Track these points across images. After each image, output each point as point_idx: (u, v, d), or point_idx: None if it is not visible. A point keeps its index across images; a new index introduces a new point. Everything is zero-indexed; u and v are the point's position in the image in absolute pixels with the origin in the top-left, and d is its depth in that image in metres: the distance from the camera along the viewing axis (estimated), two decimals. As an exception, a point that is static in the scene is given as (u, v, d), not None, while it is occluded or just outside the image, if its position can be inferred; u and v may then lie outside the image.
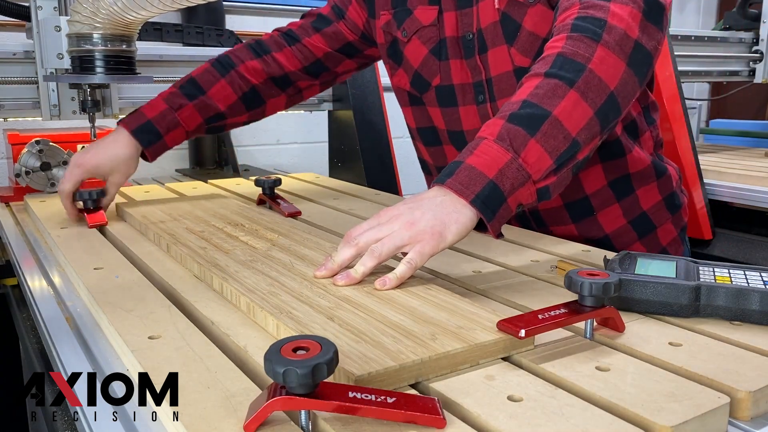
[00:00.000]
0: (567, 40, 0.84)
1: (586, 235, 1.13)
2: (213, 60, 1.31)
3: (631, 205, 1.12)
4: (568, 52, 0.83)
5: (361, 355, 0.58)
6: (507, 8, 1.02)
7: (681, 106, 2.03)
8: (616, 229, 1.13)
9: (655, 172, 1.13)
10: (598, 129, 0.82)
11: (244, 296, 0.74)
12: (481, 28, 1.06)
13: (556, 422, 0.50)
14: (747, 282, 0.71)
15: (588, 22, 0.84)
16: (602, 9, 0.85)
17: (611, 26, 0.83)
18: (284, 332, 0.65)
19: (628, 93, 0.85)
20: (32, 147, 1.48)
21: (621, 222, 1.13)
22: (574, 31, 0.84)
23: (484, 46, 1.07)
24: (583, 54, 0.82)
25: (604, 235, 1.13)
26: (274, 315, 0.68)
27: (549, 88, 0.81)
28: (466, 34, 1.08)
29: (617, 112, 0.84)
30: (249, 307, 0.73)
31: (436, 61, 1.13)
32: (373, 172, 1.86)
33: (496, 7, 1.04)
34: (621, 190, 1.11)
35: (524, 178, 0.77)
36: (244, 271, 0.84)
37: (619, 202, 1.12)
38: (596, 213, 1.12)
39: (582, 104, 0.80)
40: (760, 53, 2.58)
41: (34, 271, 1.02)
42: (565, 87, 0.80)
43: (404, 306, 0.71)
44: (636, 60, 0.84)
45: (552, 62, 0.83)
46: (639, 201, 1.13)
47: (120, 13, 1.09)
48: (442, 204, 0.77)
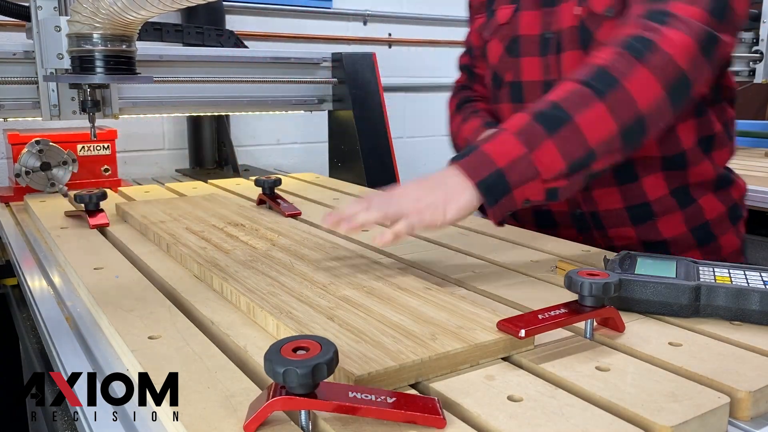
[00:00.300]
0: (611, 54, 0.85)
1: (644, 239, 1.11)
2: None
3: (693, 213, 1.10)
4: (607, 64, 0.83)
5: (361, 355, 0.58)
6: (585, 17, 1.02)
7: (681, 106, 2.03)
8: (676, 235, 1.10)
9: (721, 183, 1.11)
10: (619, 146, 0.82)
11: (244, 296, 0.74)
12: (562, 29, 1.06)
13: (556, 422, 0.50)
14: (747, 282, 0.71)
15: (637, 41, 0.84)
16: (656, 31, 0.84)
17: (658, 48, 0.83)
18: (284, 332, 0.65)
19: (660, 118, 0.84)
20: (32, 147, 1.48)
21: (682, 229, 1.10)
22: (620, 46, 0.84)
23: (562, 47, 1.06)
24: (620, 69, 0.82)
25: (662, 239, 1.11)
26: (274, 315, 0.68)
27: (579, 95, 0.82)
28: (546, 32, 1.09)
29: (643, 133, 0.84)
30: (249, 307, 0.73)
31: (509, 57, 1.14)
32: (373, 172, 1.86)
33: (575, 14, 1.03)
34: (684, 199, 1.09)
35: (533, 174, 0.79)
36: (244, 271, 0.84)
37: (682, 210, 1.09)
38: (657, 218, 1.10)
39: (607, 118, 0.81)
40: (760, 53, 2.59)
41: (34, 271, 1.02)
42: (594, 97, 0.81)
43: (404, 306, 0.71)
44: (676, 88, 0.83)
45: (589, 71, 0.84)
46: (702, 210, 1.10)
47: (120, 13, 1.09)
48: (449, 182, 0.80)
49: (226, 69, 1.78)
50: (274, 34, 2.47)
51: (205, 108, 1.83)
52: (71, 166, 1.53)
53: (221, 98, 1.79)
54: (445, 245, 1.06)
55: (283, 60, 1.88)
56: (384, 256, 1.00)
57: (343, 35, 2.63)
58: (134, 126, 2.20)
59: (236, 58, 1.82)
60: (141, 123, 2.23)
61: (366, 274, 0.83)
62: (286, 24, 2.50)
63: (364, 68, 1.92)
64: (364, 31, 2.68)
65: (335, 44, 2.56)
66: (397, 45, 2.76)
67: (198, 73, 1.72)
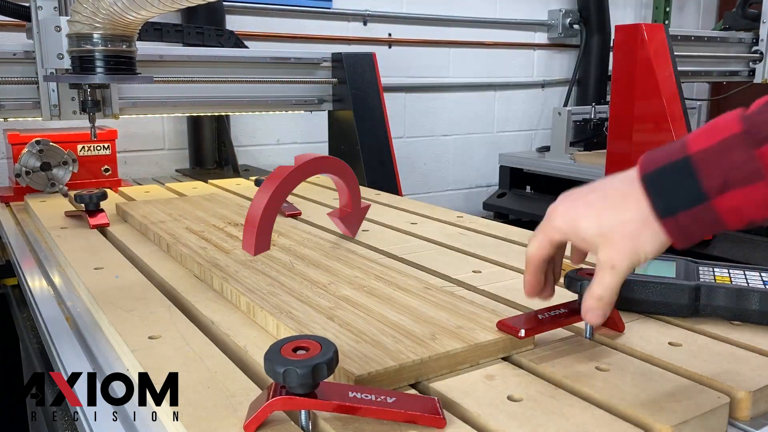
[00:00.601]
0: None
1: None
2: None
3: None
4: None
5: (361, 355, 0.58)
6: None
7: (681, 106, 2.03)
8: None
9: None
10: None
11: (244, 296, 0.74)
12: None
13: (556, 422, 0.50)
14: (747, 282, 0.71)
15: None
16: None
17: None
18: (284, 332, 0.65)
19: None
20: (32, 147, 1.48)
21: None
22: None
23: None
24: None
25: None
26: (274, 315, 0.68)
27: None
28: None
29: None
30: (249, 307, 0.73)
31: None
32: (373, 172, 1.86)
33: None
34: None
35: (753, 173, 0.46)
36: (244, 270, 0.84)
37: None
38: None
39: None
40: (759, 53, 2.58)
41: (34, 271, 1.02)
42: None
43: (404, 306, 0.71)
44: None
45: None
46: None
47: (120, 13, 1.09)
48: (611, 186, 0.53)
49: (226, 69, 1.78)
50: (274, 34, 2.47)
51: (205, 108, 1.83)
52: (71, 166, 1.53)
53: (221, 98, 1.79)
54: (446, 245, 1.06)
55: (283, 60, 1.88)
56: (383, 256, 1.00)
57: (343, 35, 2.63)
58: (134, 126, 2.20)
59: (236, 58, 1.82)
60: (141, 123, 2.23)
61: (366, 274, 0.83)
62: (286, 24, 2.50)
63: (364, 68, 1.92)
64: (364, 31, 2.68)
65: (335, 44, 2.56)
66: (397, 45, 2.76)
67: (198, 73, 1.72)
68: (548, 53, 3.26)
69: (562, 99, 3.22)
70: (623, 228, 0.50)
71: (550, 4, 3.20)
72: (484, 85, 3.05)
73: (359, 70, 1.91)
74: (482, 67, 3.01)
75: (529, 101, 3.24)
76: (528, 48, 3.18)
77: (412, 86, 2.83)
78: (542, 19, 3.19)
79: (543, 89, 3.27)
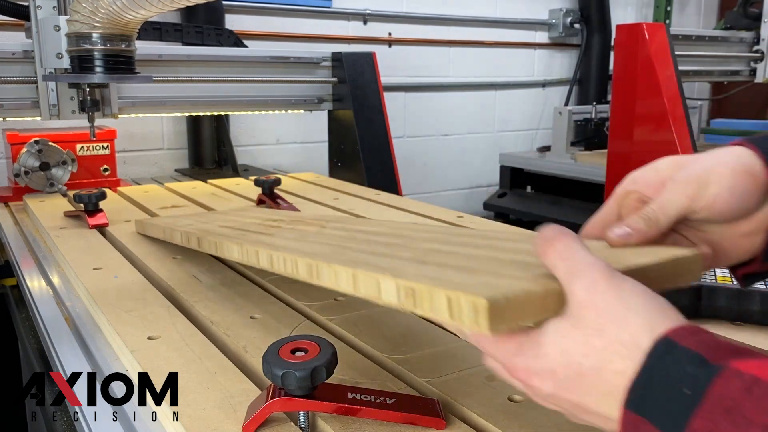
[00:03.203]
0: None
1: None
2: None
3: None
4: None
5: (484, 283, 0.41)
6: None
7: (682, 105, 2.03)
8: None
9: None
10: None
11: (303, 259, 0.58)
12: None
13: (556, 422, 0.50)
14: (748, 282, 0.71)
15: None
16: None
17: None
18: (363, 282, 0.49)
19: None
20: (31, 147, 1.48)
21: None
22: None
23: None
24: None
25: None
26: (349, 266, 0.51)
27: None
28: None
29: None
30: (310, 269, 0.57)
31: None
32: (373, 172, 1.86)
33: None
34: None
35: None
36: (295, 243, 0.70)
37: None
38: None
39: None
40: (760, 53, 2.58)
41: (33, 271, 1.02)
42: None
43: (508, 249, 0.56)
44: None
45: None
46: None
47: (119, 12, 1.09)
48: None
49: (226, 68, 1.78)
50: (273, 33, 2.47)
51: (204, 108, 1.83)
52: (70, 165, 1.53)
53: (221, 98, 1.79)
54: (446, 245, 1.05)
55: (283, 59, 1.87)
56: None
57: (343, 34, 2.63)
58: (133, 126, 2.20)
59: (236, 57, 1.82)
60: (140, 123, 2.23)
61: (429, 233, 0.68)
62: (285, 23, 2.50)
63: (364, 68, 1.92)
64: (364, 31, 2.68)
65: (335, 44, 2.56)
66: (397, 44, 2.76)
67: (197, 73, 1.72)
68: (549, 53, 3.26)
69: (562, 98, 3.22)
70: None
71: (551, 3, 3.20)
72: (485, 84, 3.05)
73: (359, 69, 1.91)
74: (483, 66, 3.01)
75: (529, 101, 3.24)
76: (529, 47, 3.18)
77: (412, 86, 2.83)
78: (543, 18, 3.19)
79: (544, 89, 3.27)
